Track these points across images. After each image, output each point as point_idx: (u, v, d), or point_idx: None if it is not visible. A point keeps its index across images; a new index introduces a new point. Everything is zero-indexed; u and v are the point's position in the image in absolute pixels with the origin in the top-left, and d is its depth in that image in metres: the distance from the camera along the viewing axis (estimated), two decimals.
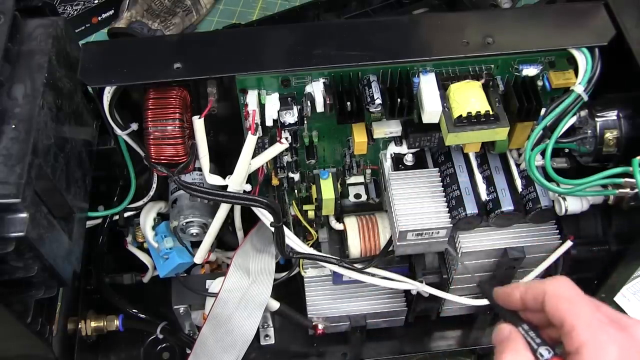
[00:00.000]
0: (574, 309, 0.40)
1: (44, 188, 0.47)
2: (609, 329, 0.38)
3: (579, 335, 0.38)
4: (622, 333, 0.39)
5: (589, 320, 0.39)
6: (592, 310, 0.40)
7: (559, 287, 0.41)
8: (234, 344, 0.64)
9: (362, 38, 0.54)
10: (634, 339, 0.39)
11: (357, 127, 0.58)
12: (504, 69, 0.55)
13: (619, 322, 0.40)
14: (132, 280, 0.71)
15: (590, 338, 0.38)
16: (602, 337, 0.38)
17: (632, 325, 0.40)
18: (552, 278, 0.43)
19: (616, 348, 0.38)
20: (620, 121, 0.53)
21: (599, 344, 0.38)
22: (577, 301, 0.40)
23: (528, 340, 0.41)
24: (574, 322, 0.39)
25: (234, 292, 0.63)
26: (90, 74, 0.52)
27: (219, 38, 0.57)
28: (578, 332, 0.39)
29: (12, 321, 0.49)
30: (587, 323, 0.39)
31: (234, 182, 0.57)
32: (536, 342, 0.41)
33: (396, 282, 0.64)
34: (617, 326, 0.39)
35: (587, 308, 0.40)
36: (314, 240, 0.67)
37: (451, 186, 0.59)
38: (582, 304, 0.40)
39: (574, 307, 0.40)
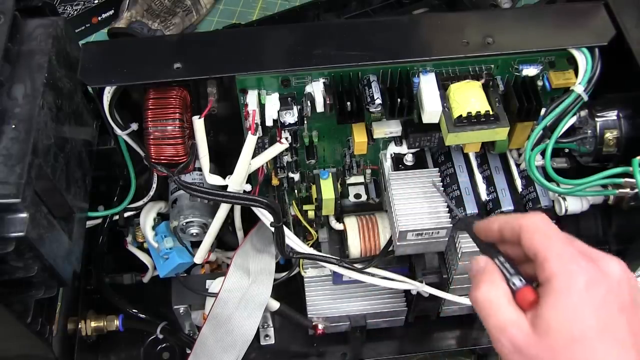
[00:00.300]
0: (547, 242, 0.40)
1: (44, 188, 0.47)
2: (579, 261, 0.39)
3: (550, 267, 0.39)
4: (592, 264, 0.39)
5: (561, 252, 0.40)
6: (564, 243, 0.40)
7: (535, 220, 0.42)
8: (234, 344, 0.64)
9: (362, 38, 0.54)
10: (602, 271, 0.39)
11: (357, 127, 0.58)
12: (504, 69, 0.56)
13: (590, 255, 0.40)
14: (132, 280, 0.71)
15: (561, 268, 0.39)
16: (571, 267, 0.39)
17: (602, 258, 0.40)
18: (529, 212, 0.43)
19: (584, 278, 0.38)
20: (620, 121, 0.53)
21: (569, 273, 0.39)
22: (550, 234, 0.41)
23: (503, 271, 0.42)
24: (546, 254, 0.40)
25: (234, 292, 0.63)
26: (90, 74, 0.52)
27: (219, 38, 0.57)
28: (550, 263, 0.39)
29: (12, 321, 0.49)
30: (558, 255, 0.40)
31: (234, 182, 0.57)
32: (510, 272, 0.41)
33: (396, 282, 0.64)
34: (587, 259, 0.40)
35: (560, 241, 0.40)
36: (314, 240, 0.67)
37: (451, 186, 0.59)
38: (555, 237, 0.41)
39: (547, 240, 0.40)
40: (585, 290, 0.38)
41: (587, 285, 0.38)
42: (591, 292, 0.38)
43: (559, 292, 0.38)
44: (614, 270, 0.40)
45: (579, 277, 0.39)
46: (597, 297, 0.38)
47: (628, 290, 0.40)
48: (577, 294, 0.38)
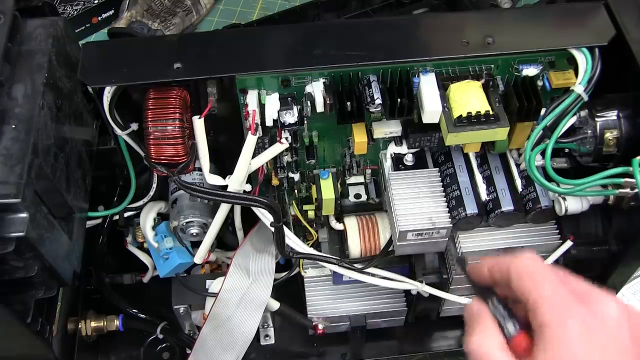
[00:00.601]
0: (537, 286, 0.39)
1: (44, 188, 0.47)
2: (572, 306, 0.38)
3: (542, 315, 0.38)
4: (586, 309, 0.37)
5: (552, 298, 0.38)
6: (555, 286, 0.39)
7: (523, 263, 0.40)
8: (234, 344, 0.64)
9: (362, 38, 0.54)
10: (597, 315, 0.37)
11: (357, 127, 0.58)
12: (504, 69, 0.55)
13: (583, 296, 0.38)
14: (132, 280, 0.71)
15: (553, 317, 0.37)
16: (564, 315, 0.37)
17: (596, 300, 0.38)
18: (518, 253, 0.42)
19: (578, 326, 0.37)
20: (620, 121, 0.53)
21: (561, 322, 0.37)
22: (540, 278, 0.39)
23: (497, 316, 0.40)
24: (536, 301, 0.38)
25: (234, 292, 0.63)
26: (90, 74, 0.52)
27: (219, 38, 0.57)
28: (540, 310, 0.38)
29: (12, 321, 0.49)
30: (549, 301, 0.38)
31: (234, 182, 0.57)
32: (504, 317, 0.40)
33: (396, 282, 0.64)
34: (581, 301, 0.38)
35: (550, 285, 0.39)
36: (314, 240, 0.67)
37: (451, 186, 0.59)
38: (545, 280, 0.39)
39: (537, 285, 0.39)
40: (579, 339, 0.36)
41: (581, 334, 0.36)
42: (586, 340, 0.36)
43: (552, 343, 0.37)
44: (610, 312, 0.38)
45: (572, 325, 0.37)
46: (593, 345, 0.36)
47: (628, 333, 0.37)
48: (571, 344, 0.36)
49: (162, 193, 0.65)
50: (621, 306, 0.38)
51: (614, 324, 0.37)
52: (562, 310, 0.37)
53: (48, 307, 0.55)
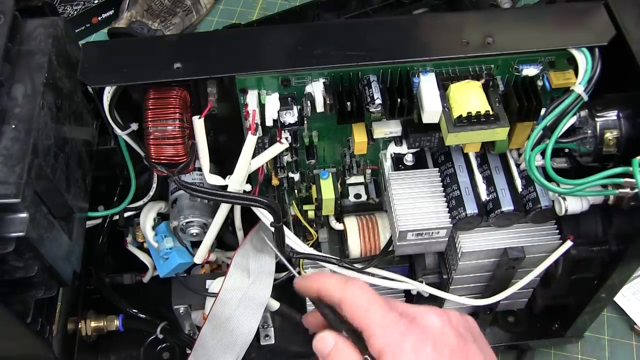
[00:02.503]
0: (367, 316, 0.42)
1: (44, 188, 0.47)
2: (401, 327, 0.41)
3: (377, 342, 0.41)
4: (413, 326, 0.42)
5: (382, 324, 0.42)
6: (384, 313, 0.42)
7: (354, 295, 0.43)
8: (234, 344, 0.64)
9: (362, 38, 0.54)
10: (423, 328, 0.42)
11: (357, 127, 0.58)
12: (504, 69, 0.55)
13: (410, 316, 0.43)
14: (132, 280, 0.71)
15: (386, 342, 0.41)
16: (395, 337, 0.41)
17: (420, 315, 0.43)
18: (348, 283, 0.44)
19: (409, 343, 0.41)
20: (620, 121, 0.53)
21: (394, 345, 0.41)
22: (369, 308, 0.43)
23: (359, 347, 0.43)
24: (370, 329, 0.42)
25: (234, 292, 0.63)
26: (90, 74, 0.52)
27: (219, 38, 0.57)
28: (375, 339, 0.41)
29: (12, 321, 0.49)
30: (380, 328, 0.42)
31: (234, 182, 0.57)
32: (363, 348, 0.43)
33: (396, 282, 0.64)
34: (408, 320, 0.42)
35: (379, 312, 0.42)
36: (314, 240, 0.67)
37: (451, 186, 0.59)
38: (374, 309, 0.42)
39: (367, 314, 0.42)
40: (413, 354, 0.40)
41: (414, 349, 0.41)
42: (420, 354, 0.41)
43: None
44: (433, 322, 0.42)
45: (404, 344, 0.41)
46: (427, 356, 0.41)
47: (453, 334, 0.42)
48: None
49: (162, 193, 0.65)
50: (441, 314, 0.43)
51: (438, 331, 0.42)
52: (393, 334, 0.41)
53: (48, 307, 0.55)
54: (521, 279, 0.64)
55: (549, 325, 0.75)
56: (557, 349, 0.78)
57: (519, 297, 0.70)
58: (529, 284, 0.64)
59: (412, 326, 0.42)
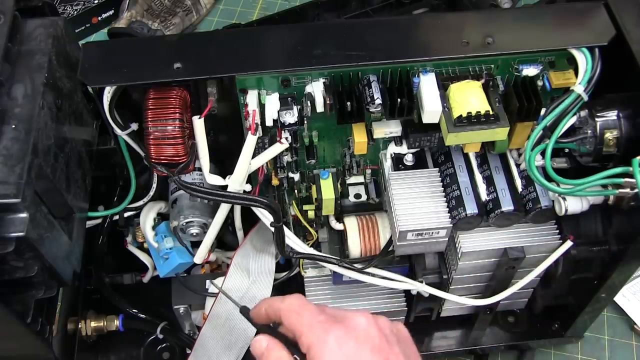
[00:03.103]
0: (299, 318, 0.47)
1: (44, 188, 0.47)
2: (327, 326, 0.45)
3: (305, 339, 0.46)
4: (339, 325, 0.46)
5: (311, 323, 0.46)
6: (314, 315, 0.47)
7: (290, 302, 0.48)
8: (235, 344, 0.64)
9: (362, 38, 0.54)
10: (348, 327, 0.46)
11: (357, 127, 0.58)
12: (504, 69, 0.55)
13: (337, 318, 0.47)
14: (132, 280, 0.71)
15: (313, 338, 0.45)
16: (321, 334, 0.45)
17: (347, 317, 0.47)
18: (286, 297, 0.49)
19: (334, 339, 0.45)
20: (620, 121, 0.53)
21: (321, 340, 0.45)
22: (301, 311, 0.47)
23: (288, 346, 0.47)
24: (301, 329, 0.46)
25: (235, 291, 0.63)
26: (90, 74, 0.52)
27: (219, 38, 0.57)
28: (304, 336, 0.46)
29: (12, 321, 0.49)
30: (309, 327, 0.46)
31: (234, 182, 0.57)
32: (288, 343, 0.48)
33: (396, 282, 0.64)
34: (334, 321, 0.46)
35: (309, 314, 0.47)
36: (314, 240, 0.67)
37: (451, 186, 0.59)
38: (306, 312, 0.47)
39: (299, 317, 0.47)
40: (337, 348, 0.44)
41: (338, 344, 0.44)
42: (343, 347, 0.44)
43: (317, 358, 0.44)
44: (359, 322, 0.46)
45: (329, 340, 0.45)
46: (349, 349, 0.44)
47: (377, 334, 0.46)
48: (330, 354, 0.44)
49: (162, 193, 0.64)
50: (369, 317, 0.47)
51: (362, 329, 0.46)
52: (320, 331, 0.45)
53: (48, 307, 0.55)
54: (521, 279, 0.64)
55: (549, 325, 0.75)
56: (557, 349, 0.78)
57: (519, 297, 0.70)
58: (529, 284, 0.64)
59: (337, 325, 0.46)
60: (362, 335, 0.46)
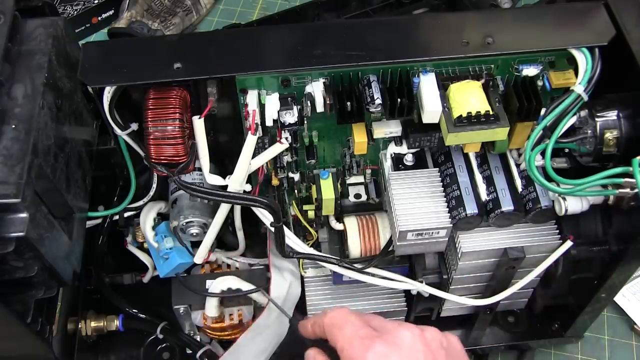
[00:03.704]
0: (341, 332, 0.46)
1: (44, 188, 0.47)
2: (367, 342, 0.45)
3: (346, 354, 0.45)
4: (381, 341, 0.45)
5: (352, 338, 0.45)
6: (356, 328, 0.46)
7: (332, 315, 0.48)
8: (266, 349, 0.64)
9: (362, 38, 0.54)
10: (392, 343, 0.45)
11: (357, 127, 0.58)
12: (504, 69, 0.55)
13: (381, 332, 0.46)
14: (132, 280, 0.71)
15: (352, 354, 0.45)
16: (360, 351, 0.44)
17: (391, 331, 0.46)
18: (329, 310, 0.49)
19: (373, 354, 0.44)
20: (620, 121, 0.53)
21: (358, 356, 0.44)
22: (344, 325, 0.47)
23: None
24: (342, 344, 0.46)
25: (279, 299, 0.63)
26: (90, 74, 0.52)
27: (219, 38, 0.57)
28: (344, 352, 0.45)
29: (12, 321, 0.49)
30: (349, 342, 0.45)
31: (234, 182, 0.57)
32: None
33: (396, 282, 0.64)
34: (378, 336, 0.45)
35: (351, 328, 0.46)
36: (314, 240, 0.67)
37: (451, 186, 0.59)
38: (348, 326, 0.47)
39: (341, 331, 0.46)
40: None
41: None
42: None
43: None
44: (403, 337, 0.45)
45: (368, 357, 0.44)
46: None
47: (423, 349, 0.45)
48: None
49: (162, 193, 0.64)
50: (415, 331, 0.46)
51: (407, 346, 0.45)
52: (360, 348, 0.45)
53: (48, 307, 0.55)
54: (521, 279, 0.64)
55: (549, 325, 0.75)
56: (557, 349, 0.78)
57: (519, 297, 0.70)
58: (529, 284, 0.64)
59: (380, 339, 0.45)
60: (406, 352, 0.44)
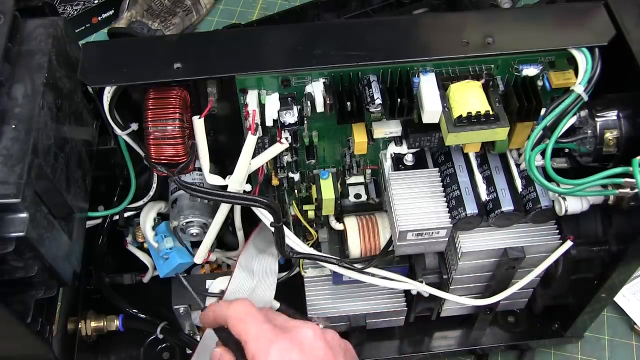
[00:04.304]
0: (245, 327, 0.48)
1: (44, 188, 0.47)
2: (272, 337, 0.46)
3: (249, 348, 0.46)
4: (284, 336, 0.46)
5: (256, 333, 0.47)
6: (260, 323, 0.48)
7: (236, 309, 0.49)
8: None
9: (362, 38, 0.54)
10: (294, 339, 0.46)
11: (357, 127, 0.58)
12: (504, 69, 0.55)
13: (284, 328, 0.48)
14: (132, 280, 0.71)
15: (257, 348, 0.46)
16: (264, 346, 0.46)
17: (295, 328, 0.48)
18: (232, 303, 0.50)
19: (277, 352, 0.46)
20: (620, 121, 0.53)
21: (264, 351, 0.46)
22: (247, 319, 0.48)
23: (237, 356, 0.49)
24: (246, 338, 0.47)
25: (239, 293, 0.63)
26: (90, 74, 0.52)
27: (219, 38, 0.57)
28: (249, 345, 0.47)
29: (12, 321, 0.49)
30: (254, 336, 0.47)
31: (234, 182, 0.57)
32: None
33: (396, 282, 0.64)
34: (279, 332, 0.47)
35: (255, 323, 0.48)
36: (314, 240, 0.67)
37: (451, 186, 0.59)
38: (251, 320, 0.48)
39: (245, 325, 0.48)
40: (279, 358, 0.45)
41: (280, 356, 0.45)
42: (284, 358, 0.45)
43: None
44: (305, 334, 0.47)
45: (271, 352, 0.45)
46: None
47: (323, 346, 0.47)
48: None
49: (162, 193, 0.64)
50: (316, 330, 0.48)
51: (308, 342, 0.47)
52: (265, 342, 0.46)
53: (48, 307, 0.55)
54: (521, 279, 0.64)
55: (549, 325, 0.75)
56: (557, 349, 0.78)
57: (519, 297, 0.70)
58: (529, 284, 0.64)
59: (282, 335, 0.47)
60: (307, 348, 0.46)
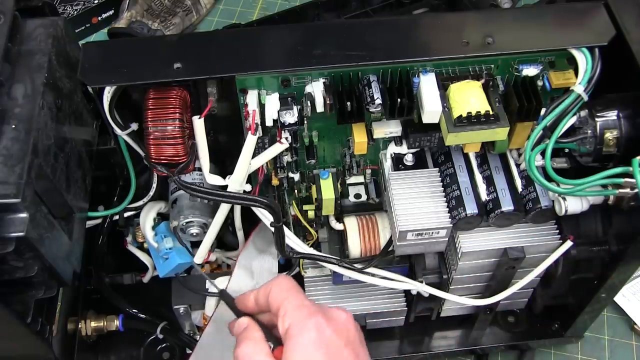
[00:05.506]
0: (287, 297, 0.49)
1: (44, 188, 0.47)
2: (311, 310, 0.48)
3: (288, 317, 0.48)
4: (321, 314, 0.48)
5: (298, 304, 0.49)
6: (299, 301, 0.49)
7: (280, 281, 0.51)
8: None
9: (362, 38, 0.54)
10: (329, 317, 0.48)
11: (357, 127, 0.58)
12: (504, 69, 0.55)
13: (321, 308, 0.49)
14: (132, 280, 0.71)
15: (295, 318, 0.48)
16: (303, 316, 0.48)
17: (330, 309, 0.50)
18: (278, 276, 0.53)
19: (314, 324, 0.47)
20: (620, 121, 0.53)
21: (299, 322, 0.48)
22: (292, 292, 0.50)
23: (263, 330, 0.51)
24: (286, 307, 0.49)
25: (239, 293, 0.63)
26: (90, 74, 0.52)
27: (219, 38, 0.56)
28: (288, 314, 0.48)
29: (12, 321, 0.49)
30: (295, 307, 0.49)
31: (234, 182, 0.57)
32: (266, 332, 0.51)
33: (396, 282, 0.64)
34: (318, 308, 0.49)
35: (294, 298, 0.49)
36: (314, 240, 0.67)
37: (451, 186, 0.59)
38: (294, 293, 0.50)
39: (288, 294, 0.50)
40: (316, 333, 0.47)
41: (317, 329, 0.47)
42: (320, 334, 0.47)
43: (294, 338, 0.47)
44: (339, 315, 0.49)
45: (309, 323, 0.47)
46: (325, 337, 0.47)
47: (353, 328, 0.50)
48: (307, 337, 0.47)
49: (162, 193, 0.64)
50: (349, 313, 0.50)
51: (341, 322, 0.49)
52: (305, 314, 0.48)
53: (48, 307, 0.55)
54: (521, 279, 0.64)
55: (549, 325, 0.75)
56: (557, 349, 0.78)
57: (519, 297, 0.70)
58: (529, 284, 0.64)
59: (321, 312, 0.49)
60: (341, 327, 0.49)
